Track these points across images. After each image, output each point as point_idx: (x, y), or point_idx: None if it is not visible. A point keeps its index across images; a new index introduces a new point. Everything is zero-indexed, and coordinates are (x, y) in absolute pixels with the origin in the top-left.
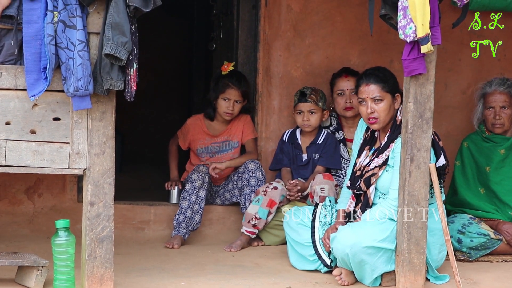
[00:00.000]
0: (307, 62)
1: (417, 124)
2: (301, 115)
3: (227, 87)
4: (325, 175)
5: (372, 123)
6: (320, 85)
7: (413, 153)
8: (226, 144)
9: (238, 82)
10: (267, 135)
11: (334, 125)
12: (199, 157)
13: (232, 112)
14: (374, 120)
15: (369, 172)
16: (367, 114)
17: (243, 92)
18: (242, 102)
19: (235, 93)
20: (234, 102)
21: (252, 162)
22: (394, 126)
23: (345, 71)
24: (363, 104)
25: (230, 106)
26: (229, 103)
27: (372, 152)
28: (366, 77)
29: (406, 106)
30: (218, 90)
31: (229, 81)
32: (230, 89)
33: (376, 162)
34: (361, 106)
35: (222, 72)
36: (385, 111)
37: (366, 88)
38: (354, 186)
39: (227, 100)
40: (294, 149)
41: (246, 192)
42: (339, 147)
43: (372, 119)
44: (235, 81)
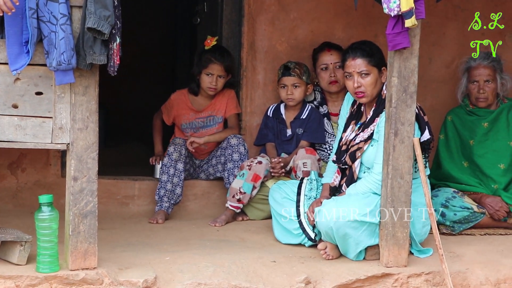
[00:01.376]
0: (292, 37)
1: (401, 98)
2: (285, 89)
3: (210, 62)
4: (308, 149)
5: (359, 97)
6: (305, 60)
7: (397, 127)
8: (210, 119)
9: (221, 57)
10: (252, 109)
11: (318, 99)
12: (183, 132)
13: (215, 87)
14: (362, 94)
15: (354, 146)
16: (354, 88)
17: (227, 67)
18: (225, 77)
19: (218, 68)
20: (217, 77)
21: (235, 137)
22: (380, 100)
23: (327, 45)
24: (349, 78)
25: (213, 81)
26: (212, 78)
27: (358, 126)
28: (352, 51)
29: (390, 80)
30: (201, 65)
31: (212, 56)
32: (213, 64)
33: (362, 137)
34: (347, 80)
35: (205, 47)
36: (372, 85)
37: (352, 62)
38: (340, 161)
39: (210, 75)
40: (279, 124)
41: (229, 167)
42: (323, 122)
43: (359, 93)
44: (218, 55)
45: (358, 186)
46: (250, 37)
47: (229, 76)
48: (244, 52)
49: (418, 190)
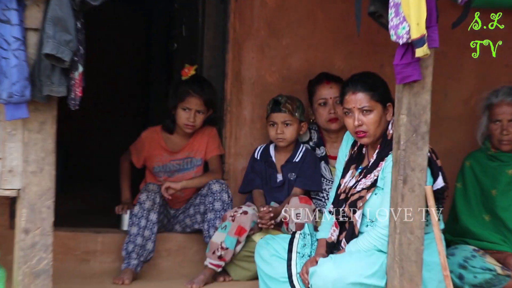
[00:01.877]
0: (284, 66)
1: (411, 140)
2: (274, 127)
3: (187, 94)
4: (302, 198)
5: (360, 137)
6: (298, 93)
7: (406, 174)
8: (187, 162)
9: (200, 89)
10: (237, 150)
11: (314, 140)
12: (155, 177)
13: (193, 124)
14: (363, 133)
15: (355, 195)
16: (354, 127)
17: (207, 100)
18: (205, 113)
19: (196, 101)
20: (195, 113)
21: (217, 183)
22: (385, 142)
23: (326, 77)
24: (349, 116)
25: (191, 117)
26: (189, 114)
27: (359, 171)
28: (352, 84)
29: (399, 118)
30: (177, 98)
31: (190, 88)
32: (190, 97)
33: (364, 184)
34: (347, 118)
35: (182, 77)
36: (375, 124)
37: (353, 97)
38: (338, 212)
39: (187, 110)
40: (268, 168)
41: (210, 217)
42: (319, 166)
43: (360, 132)
44: (196, 87)
45: (360, 243)
46: (235, 66)
47: (210, 111)
48: (228, 84)
49: (431, 247)
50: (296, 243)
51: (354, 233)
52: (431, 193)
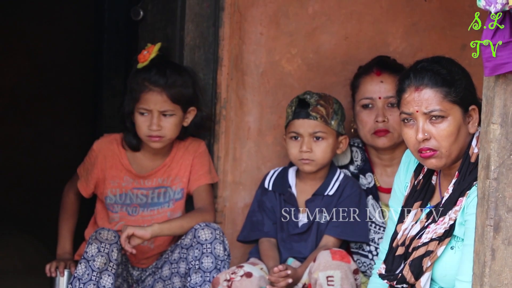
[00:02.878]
0: (310, 47)
1: (507, 164)
2: (297, 141)
3: (141, 89)
4: (336, 252)
5: (426, 158)
6: (334, 89)
7: (499, 217)
8: (160, 193)
9: (159, 77)
10: (236, 178)
11: (358, 162)
12: (109, 212)
13: (158, 135)
14: (430, 152)
15: (420, 249)
16: (417, 142)
17: (175, 94)
18: (177, 114)
19: (156, 97)
20: (159, 116)
21: (207, 228)
22: (467, 166)
23: (378, 64)
24: (409, 124)
25: (153, 123)
26: (149, 118)
27: (427, 212)
28: (416, 75)
29: (488, 130)
30: (131, 96)
31: (144, 78)
32: (146, 92)
33: (434, 232)
34: (406, 128)
35: (139, 64)
36: (449, 137)
37: (416, 96)
38: (393, 275)
39: (145, 113)
40: (285, 204)
41: (195, 281)
42: (365, 203)
43: (426, 151)
44: (153, 75)
45: None
46: (234, 47)
47: (191, 111)
48: (223, 74)
49: None
50: None
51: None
52: None
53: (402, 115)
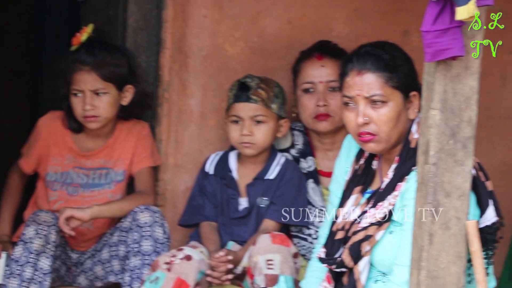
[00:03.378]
0: (253, 30)
1: (447, 149)
2: (238, 125)
3: (72, 69)
4: (276, 236)
5: (365, 141)
6: (277, 73)
7: (437, 201)
8: (101, 175)
9: (87, 55)
10: (178, 161)
11: (299, 146)
12: (49, 190)
13: (93, 114)
14: (370, 136)
15: (359, 233)
16: (357, 126)
17: (106, 72)
18: (110, 91)
19: (86, 77)
20: (91, 95)
21: (147, 211)
22: (406, 152)
23: (319, 49)
24: (351, 108)
25: (87, 103)
26: (82, 99)
27: (367, 197)
28: (359, 59)
29: (428, 115)
30: (65, 79)
31: (73, 58)
32: (77, 72)
33: (373, 217)
34: (347, 111)
35: (72, 47)
36: (389, 122)
37: (358, 79)
38: (332, 259)
39: (79, 94)
40: (226, 189)
41: (134, 265)
42: (305, 187)
43: (365, 135)
44: (82, 54)
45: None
46: (177, 29)
47: (128, 90)
48: (166, 57)
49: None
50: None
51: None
52: (477, 232)
53: (343, 99)
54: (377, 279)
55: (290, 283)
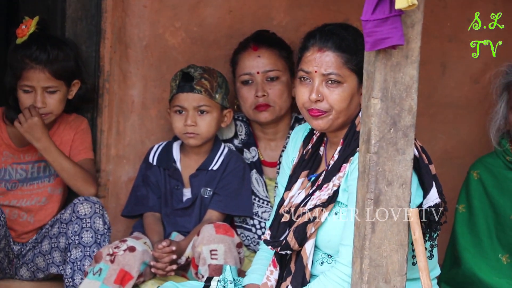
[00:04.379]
0: (194, 20)
1: (388, 138)
2: (182, 115)
3: (23, 66)
4: (220, 226)
5: (315, 116)
6: (218, 63)
7: (379, 190)
8: (40, 168)
9: (39, 53)
10: (120, 152)
11: (242, 136)
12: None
13: (45, 112)
14: (319, 113)
15: (304, 215)
16: (309, 101)
17: (57, 69)
18: (60, 89)
19: (38, 75)
20: (43, 92)
21: (86, 202)
22: (352, 134)
23: (255, 39)
24: (305, 83)
25: (37, 100)
26: (33, 96)
27: (313, 180)
28: (322, 36)
29: (368, 104)
30: (12, 72)
31: (24, 55)
32: (28, 69)
33: (318, 198)
34: (301, 86)
35: (18, 39)
36: (342, 102)
37: (317, 56)
38: (277, 242)
39: (28, 91)
40: (169, 179)
41: (75, 256)
42: (249, 177)
43: (315, 111)
44: (34, 52)
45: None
46: (117, 19)
47: (75, 84)
48: (106, 47)
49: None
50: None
51: (304, 276)
52: (418, 220)
53: (299, 73)
54: (323, 261)
55: (234, 272)
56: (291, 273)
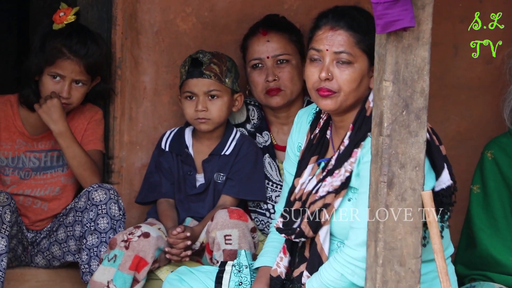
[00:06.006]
0: (205, 5)
1: (400, 121)
2: (192, 101)
3: (59, 55)
4: (234, 211)
5: (323, 96)
6: (229, 48)
7: (392, 173)
8: (53, 157)
9: (80, 46)
10: (132, 138)
11: (254, 121)
12: (1, 175)
13: (66, 102)
14: (328, 93)
15: (317, 202)
16: (319, 81)
17: (90, 65)
18: (87, 83)
19: (73, 67)
20: (71, 83)
21: (100, 188)
22: (362, 118)
23: (264, 24)
24: (315, 63)
25: (64, 90)
26: (61, 85)
27: (323, 166)
28: (335, 15)
29: (380, 87)
30: (44, 58)
31: (64, 44)
32: (64, 59)
33: (330, 185)
34: (310, 66)
35: (54, 25)
36: (351, 83)
37: (329, 35)
38: (290, 229)
39: (57, 77)
40: (182, 165)
41: (90, 243)
42: (261, 162)
43: (325, 90)
44: (75, 44)
45: (323, 275)
46: (128, 6)
47: (96, 80)
48: (118, 34)
49: (434, 285)
50: (228, 279)
51: (321, 262)
52: (432, 201)
53: (310, 52)
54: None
55: (249, 257)
56: (306, 260)
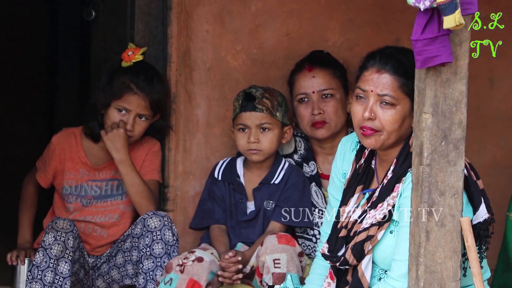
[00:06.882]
0: (254, 43)
1: (439, 150)
2: (245, 133)
3: (127, 90)
4: (282, 237)
5: (365, 136)
6: (277, 82)
7: (432, 200)
8: (113, 186)
9: (147, 84)
10: (187, 168)
11: (301, 151)
12: (65, 203)
13: (130, 135)
14: (371, 131)
15: (361, 234)
16: (363, 119)
17: (154, 101)
18: (150, 118)
19: (139, 102)
20: (135, 117)
21: (155, 216)
22: (405, 154)
23: (309, 60)
24: (361, 101)
25: (129, 123)
26: (126, 117)
27: (367, 197)
28: (382, 58)
29: (420, 119)
30: (112, 92)
31: (132, 81)
32: (131, 94)
33: (373, 217)
34: (357, 103)
35: (123, 63)
36: (393, 124)
37: (375, 76)
38: (335, 256)
39: (123, 111)
40: (233, 193)
41: (147, 267)
42: (309, 190)
43: (368, 129)
44: (142, 81)
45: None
46: (182, 44)
47: (156, 116)
48: (173, 70)
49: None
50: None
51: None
52: (470, 228)
53: (356, 90)
54: (380, 277)
55: (296, 280)
56: (348, 283)
